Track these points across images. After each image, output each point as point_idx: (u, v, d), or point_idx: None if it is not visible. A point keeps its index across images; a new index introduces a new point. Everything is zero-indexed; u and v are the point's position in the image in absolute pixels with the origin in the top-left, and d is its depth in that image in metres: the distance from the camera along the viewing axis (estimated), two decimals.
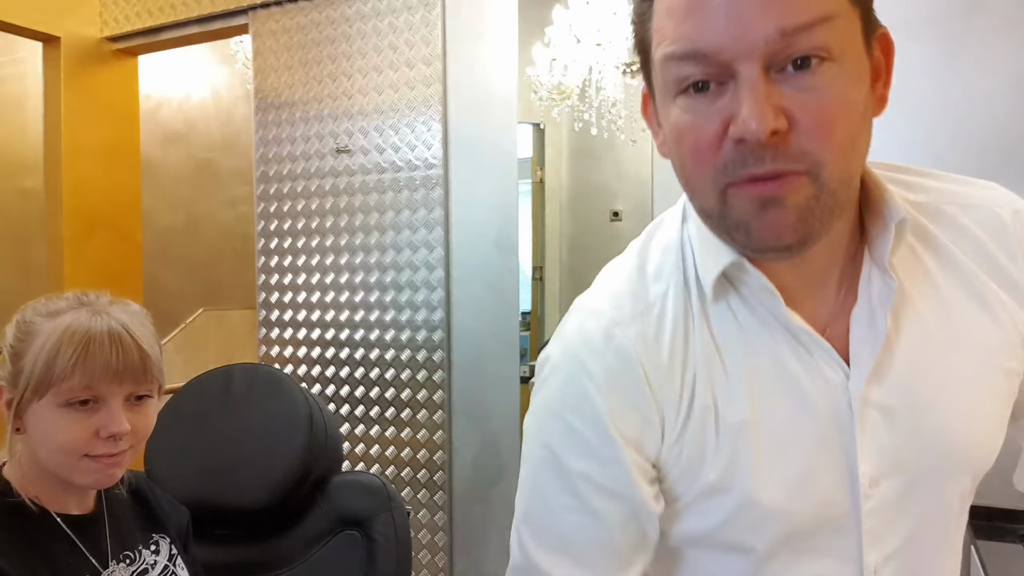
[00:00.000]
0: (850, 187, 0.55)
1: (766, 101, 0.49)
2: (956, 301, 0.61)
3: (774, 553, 0.63)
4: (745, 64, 0.49)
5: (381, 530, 1.24)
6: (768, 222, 0.52)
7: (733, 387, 0.60)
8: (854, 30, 0.52)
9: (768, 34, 0.48)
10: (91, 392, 0.83)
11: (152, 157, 4.44)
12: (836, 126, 0.51)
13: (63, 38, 2.58)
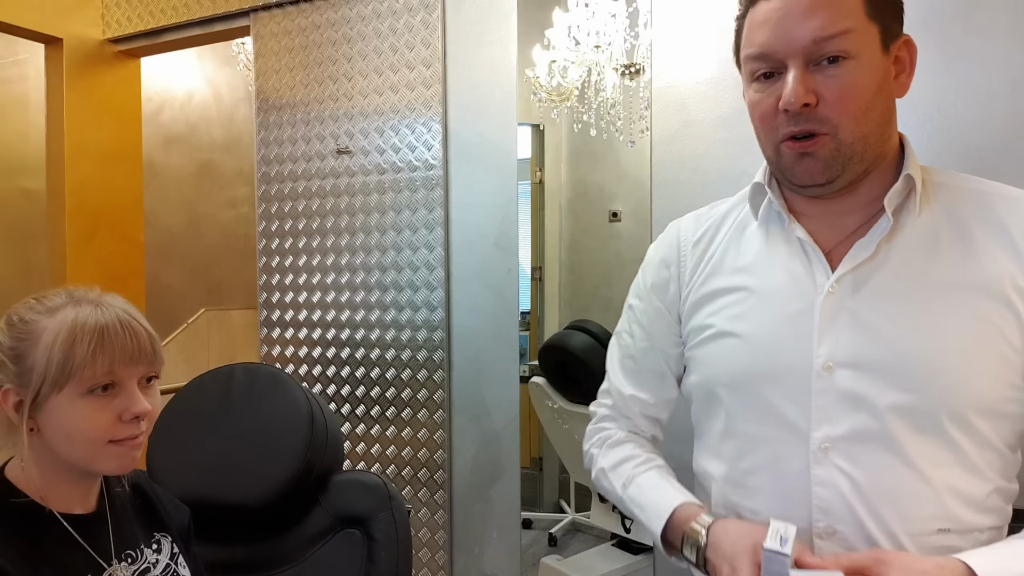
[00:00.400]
0: (866, 144, 0.78)
1: (802, 84, 0.74)
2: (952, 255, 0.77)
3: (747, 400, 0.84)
4: (792, 60, 0.75)
5: (381, 528, 1.25)
6: (804, 168, 0.79)
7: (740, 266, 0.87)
8: (871, 38, 0.76)
9: (806, 42, 0.75)
10: (111, 377, 0.85)
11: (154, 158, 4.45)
12: (850, 101, 0.75)
13: (65, 40, 2.59)
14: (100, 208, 2.72)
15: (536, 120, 3.56)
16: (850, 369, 0.79)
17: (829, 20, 0.74)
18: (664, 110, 1.78)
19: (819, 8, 0.74)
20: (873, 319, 0.79)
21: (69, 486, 0.90)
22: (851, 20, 0.74)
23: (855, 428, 0.79)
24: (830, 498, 0.80)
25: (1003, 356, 0.76)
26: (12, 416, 0.85)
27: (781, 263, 0.85)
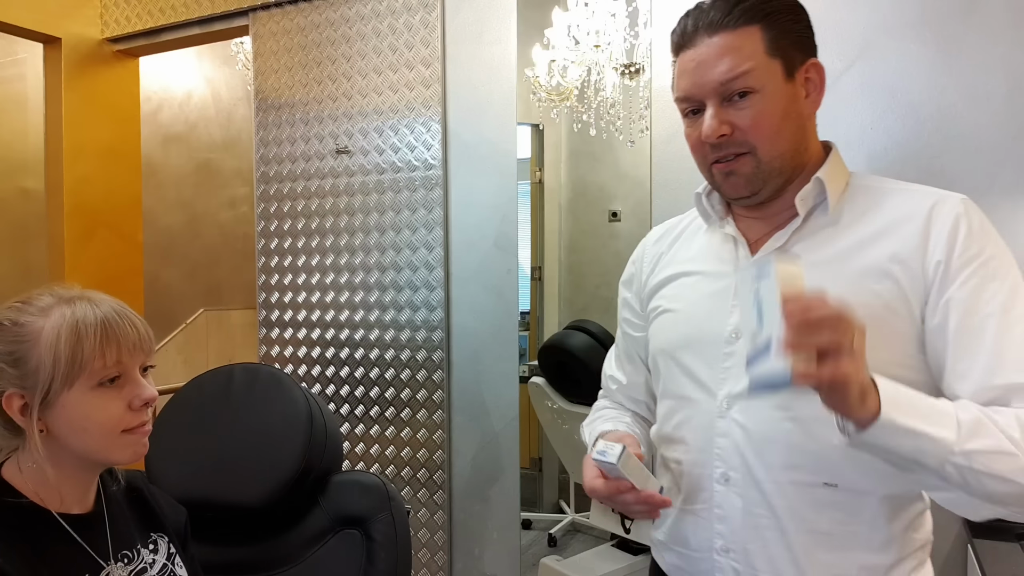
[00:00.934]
0: (783, 160, 0.91)
1: (716, 119, 0.89)
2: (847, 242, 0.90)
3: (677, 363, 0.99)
4: (708, 100, 0.90)
5: (381, 529, 1.25)
6: (730, 184, 0.93)
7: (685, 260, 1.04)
8: (773, 72, 0.88)
9: (715, 84, 0.88)
10: (120, 367, 0.87)
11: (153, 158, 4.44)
12: (761, 128, 0.89)
13: (64, 39, 2.59)
14: (99, 208, 2.72)
15: (536, 120, 3.56)
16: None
17: (733, 64, 0.87)
18: (664, 110, 1.78)
19: (724, 55, 0.88)
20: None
21: (72, 485, 0.90)
22: (752, 61, 0.87)
23: None
24: (727, 447, 0.92)
25: (893, 327, 0.85)
26: (19, 420, 0.85)
27: (715, 253, 1.01)
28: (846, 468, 0.86)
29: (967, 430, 0.75)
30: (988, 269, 0.84)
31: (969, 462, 0.74)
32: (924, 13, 1.56)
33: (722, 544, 0.93)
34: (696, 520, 0.95)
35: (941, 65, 1.55)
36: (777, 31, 0.88)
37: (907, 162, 1.58)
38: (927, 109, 1.56)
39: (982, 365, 0.82)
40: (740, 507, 0.91)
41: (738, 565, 0.91)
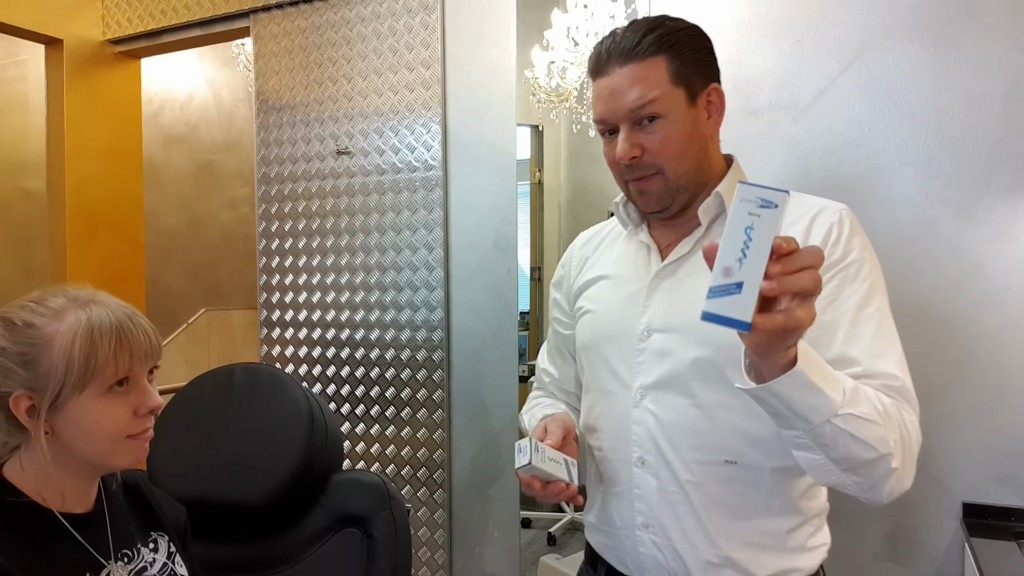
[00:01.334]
0: (688, 178, 1.01)
1: (627, 142, 0.99)
2: None
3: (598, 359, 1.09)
4: (621, 124, 0.99)
5: (381, 528, 1.25)
6: (643, 201, 1.04)
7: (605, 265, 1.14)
8: (678, 99, 0.98)
9: (626, 111, 0.98)
10: (130, 372, 0.88)
11: (154, 159, 4.45)
12: (667, 150, 0.99)
13: (66, 41, 2.60)
14: (100, 208, 2.73)
15: (535, 121, 3.57)
16: (661, 332, 1.02)
17: (641, 92, 0.96)
18: None
19: (633, 84, 0.97)
20: (679, 295, 1.02)
21: (73, 485, 0.91)
22: (658, 89, 0.96)
23: (660, 378, 1.01)
24: (642, 433, 1.02)
25: None
26: (25, 420, 0.85)
27: (631, 259, 1.11)
28: (743, 447, 0.97)
29: (850, 396, 0.80)
30: (849, 272, 0.95)
31: (845, 424, 0.79)
32: (922, 14, 1.57)
33: (642, 520, 1.03)
34: (619, 501, 1.06)
35: (939, 66, 1.56)
36: (680, 61, 0.98)
37: (905, 163, 1.58)
38: (924, 110, 1.57)
39: (834, 356, 0.91)
40: (655, 486, 1.01)
41: (657, 538, 1.02)
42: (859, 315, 0.93)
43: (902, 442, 0.85)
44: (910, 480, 0.88)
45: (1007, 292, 1.51)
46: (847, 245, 0.95)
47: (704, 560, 0.99)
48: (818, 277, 0.68)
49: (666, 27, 0.99)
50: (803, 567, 1.00)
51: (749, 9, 1.71)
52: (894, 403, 0.87)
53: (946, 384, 1.55)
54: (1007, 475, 1.50)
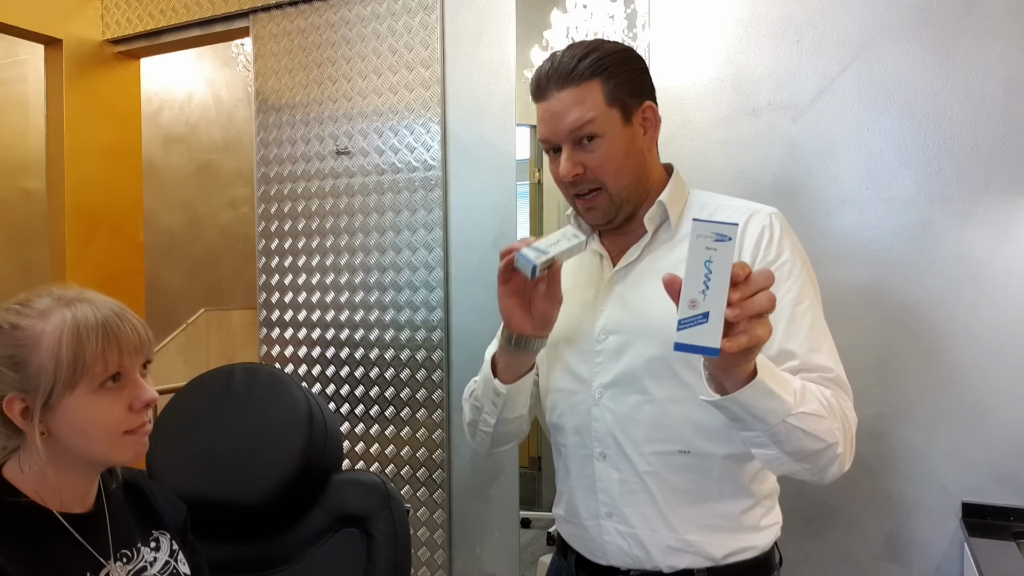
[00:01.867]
0: (630, 192, 1.08)
1: (569, 161, 1.05)
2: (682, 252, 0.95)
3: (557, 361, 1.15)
4: (563, 144, 1.06)
5: (381, 528, 1.26)
6: (590, 216, 1.11)
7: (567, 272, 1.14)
8: (613, 119, 1.04)
9: (565, 132, 1.04)
10: (121, 367, 0.87)
11: (154, 158, 4.45)
12: (606, 168, 1.05)
13: (65, 41, 2.59)
14: (100, 208, 2.72)
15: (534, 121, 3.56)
16: (615, 334, 1.09)
17: (577, 115, 1.03)
18: (662, 111, 1.76)
19: (570, 107, 1.03)
20: (631, 299, 1.09)
21: (72, 485, 0.91)
22: (594, 111, 1.03)
23: (617, 376, 1.07)
24: (601, 429, 1.09)
25: None
26: (20, 423, 0.85)
27: (586, 266, 1.17)
28: (695, 437, 1.04)
29: (800, 396, 0.89)
30: (782, 272, 1.02)
31: (799, 422, 0.88)
32: (921, 15, 1.57)
33: (606, 511, 1.09)
34: (584, 494, 1.12)
35: (938, 66, 1.56)
36: (614, 83, 1.04)
37: (903, 163, 1.58)
38: (923, 110, 1.57)
39: (775, 352, 0.98)
40: (616, 478, 1.08)
41: (620, 527, 1.08)
42: (794, 312, 1.01)
43: (844, 429, 0.94)
44: (850, 461, 0.97)
45: (1006, 292, 1.51)
46: (779, 247, 1.04)
47: (665, 545, 1.06)
48: (772, 296, 0.75)
49: (600, 51, 1.05)
50: (757, 545, 1.08)
51: (748, 9, 1.71)
52: (833, 394, 0.96)
53: (945, 384, 1.55)
54: (1006, 475, 1.51)
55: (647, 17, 1.83)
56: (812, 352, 0.99)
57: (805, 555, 1.66)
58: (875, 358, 1.60)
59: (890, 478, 1.60)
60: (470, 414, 1.24)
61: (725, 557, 1.05)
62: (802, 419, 0.88)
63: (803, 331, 1.00)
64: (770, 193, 1.68)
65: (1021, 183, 1.50)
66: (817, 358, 1.00)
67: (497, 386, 1.12)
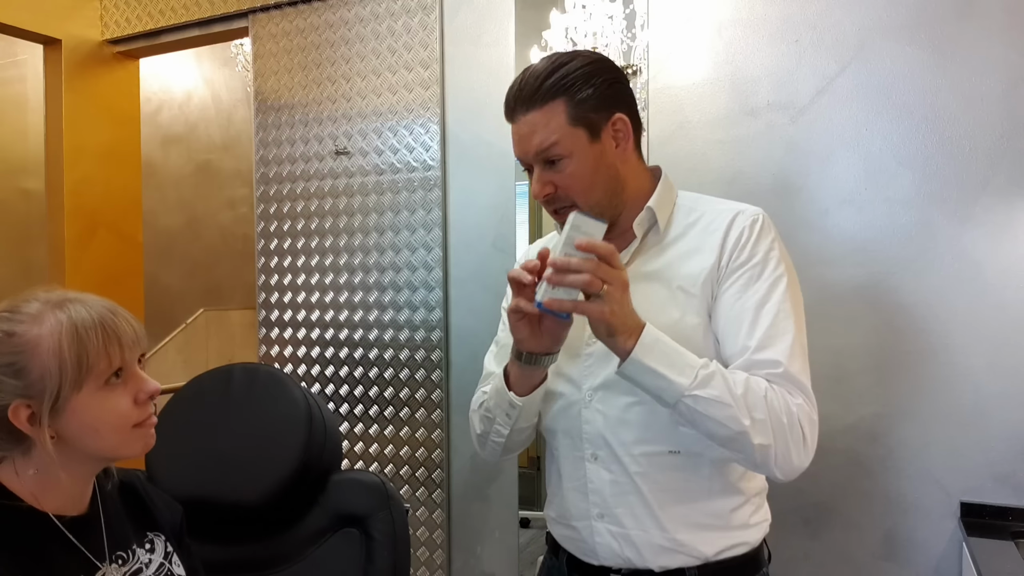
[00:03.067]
0: (600, 207, 1.06)
1: (539, 182, 1.07)
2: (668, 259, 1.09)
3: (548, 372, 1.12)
4: (533, 164, 1.08)
5: (380, 528, 1.26)
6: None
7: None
8: (578, 138, 1.04)
9: (533, 154, 1.06)
10: (123, 362, 0.88)
11: (153, 159, 4.45)
12: (575, 186, 1.06)
13: (64, 41, 2.59)
14: (99, 208, 2.72)
15: None
16: None
17: (541, 138, 1.04)
18: (660, 111, 1.79)
19: (534, 132, 1.05)
20: None
21: (72, 486, 0.91)
22: (557, 133, 1.04)
23: (606, 379, 1.08)
24: (592, 431, 1.10)
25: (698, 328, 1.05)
26: (27, 429, 0.84)
27: None
28: (684, 437, 1.04)
29: (701, 380, 0.95)
30: (754, 272, 1.04)
31: (695, 404, 0.95)
32: (919, 15, 1.57)
33: (598, 512, 1.10)
34: (576, 495, 1.13)
35: (936, 67, 1.56)
36: (576, 102, 1.04)
37: (902, 163, 1.59)
38: (922, 110, 1.57)
39: (739, 347, 1.02)
40: (607, 479, 1.09)
41: (612, 527, 1.09)
42: (759, 312, 1.03)
43: (771, 421, 0.96)
44: (802, 457, 0.99)
45: (1004, 292, 1.51)
46: (753, 248, 1.06)
47: (656, 544, 1.07)
48: (590, 280, 0.90)
49: (565, 68, 1.04)
50: (747, 541, 1.09)
51: (747, 9, 1.71)
52: (773, 387, 0.98)
53: (944, 384, 1.55)
54: (1004, 475, 1.51)
55: (646, 17, 1.83)
56: (762, 349, 1.01)
57: (804, 555, 1.66)
58: (873, 358, 1.60)
59: (888, 478, 1.60)
60: (481, 426, 1.21)
61: (716, 555, 1.07)
62: (699, 401, 0.94)
63: (762, 329, 1.02)
64: (769, 193, 1.68)
65: (1019, 183, 1.50)
66: (765, 354, 1.01)
67: (512, 399, 1.11)
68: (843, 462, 1.62)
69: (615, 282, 0.92)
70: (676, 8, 1.78)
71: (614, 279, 0.92)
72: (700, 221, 1.11)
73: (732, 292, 1.05)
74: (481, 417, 1.21)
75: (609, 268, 0.92)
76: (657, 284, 1.08)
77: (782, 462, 0.98)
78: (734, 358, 1.02)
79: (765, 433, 0.96)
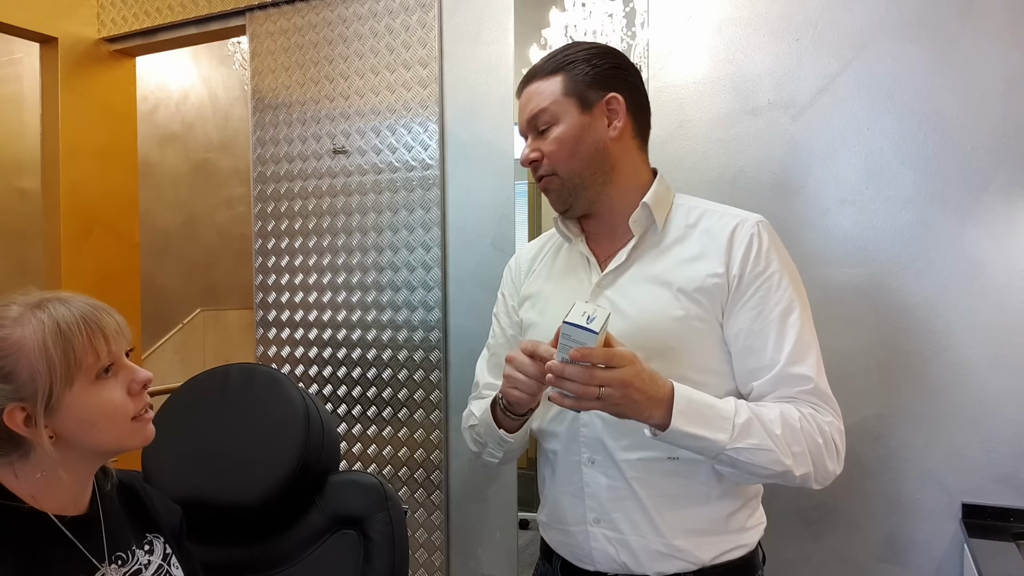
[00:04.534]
0: (582, 178, 1.11)
1: (529, 148, 1.12)
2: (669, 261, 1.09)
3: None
4: (528, 133, 1.13)
5: (378, 529, 1.25)
6: (549, 200, 1.16)
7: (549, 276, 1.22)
8: (569, 107, 1.09)
9: (524, 121, 1.12)
10: (111, 356, 0.89)
11: (150, 158, 4.44)
12: (558, 152, 1.10)
13: (60, 39, 2.58)
14: (95, 207, 2.71)
15: None
16: None
17: (533, 105, 1.11)
18: (661, 110, 1.78)
19: (532, 97, 1.11)
20: (620, 304, 1.10)
21: (72, 486, 0.90)
22: (548, 100, 1.09)
23: None
24: (590, 435, 1.10)
25: (701, 331, 1.06)
26: (23, 432, 0.84)
27: (573, 270, 1.19)
28: None
29: (739, 432, 0.96)
30: (772, 282, 1.05)
31: (737, 455, 0.96)
32: (921, 14, 1.57)
33: (594, 516, 1.10)
34: (571, 499, 1.13)
35: (937, 66, 1.55)
36: (572, 76, 1.09)
37: (903, 163, 1.58)
38: (923, 110, 1.57)
39: (766, 361, 1.04)
40: (605, 484, 1.09)
41: (608, 532, 1.09)
42: (783, 324, 1.05)
43: (809, 453, 0.99)
44: (836, 467, 1.03)
45: (1006, 292, 1.50)
46: (767, 258, 1.07)
47: (653, 550, 1.07)
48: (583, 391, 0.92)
49: (572, 49, 1.11)
50: (744, 544, 1.10)
51: (748, 8, 1.70)
52: (803, 417, 1.00)
53: (945, 384, 1.55)
54: (1006, 476, 1.50)
55: (646, 15, 1.82)
56: (793, 364, 1.03)
57: (805, 556, 1.66)
58: (874, 358, 1.60)
59: (890, 479, 1.59)
60: (474, 446, 1.23)
61: (713, 559, 1.07)
62: (740, 452, 0.96)
63: (789, 343, 1.04)
64: (770, 192, 1.67)
65: (1021, 183, 1.50)
66: (797, 369, 1.03)
67: (503, 436, 1.14)
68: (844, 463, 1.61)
69: (613, 384, 0.92)
70: (676, 6, 1.77)
71: (611, 382, 0.92)
72: (700, 224, 1.11)
73: (751, 305, 1.05)
74: (473, 439, 1.23)
75: (605, 373, 0.92)
76: (658, 287, 1.08)
77: (820, 478, 1.02)
78: (762, 372, 1.04)
79: (805, 463, 0.99)
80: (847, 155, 1.62)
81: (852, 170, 1.61)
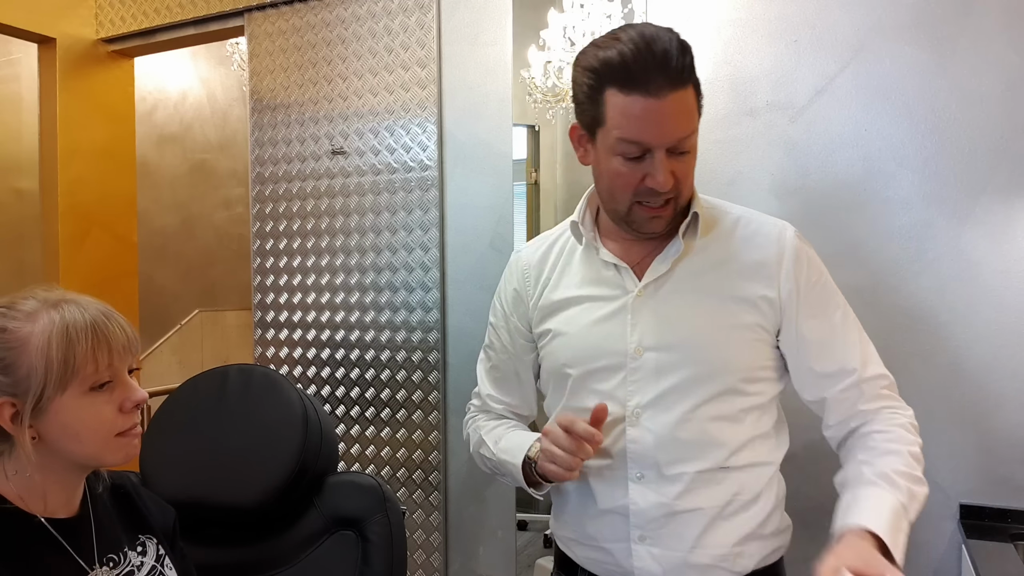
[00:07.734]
0: (686, 202, 1.06)
1: (668, 171, 0.97)
2: (720, 273, 1.05)
3: (581, 381, 1.09)
4: (659, 151, 0.96)
5: (376, 530, 1.25)
6: (654, 225, 1.04)
7: (570, 283, 1.13)
8: (697, 127, 1.00)
9: (673, 140, 0.96)
10: (111, 371, 0.87)
11: (148, 158, 4.43)
12: (688, 180, 1.02)
13: (59, 39, 2.58)
14: (93, 208, 2.71)
15: (531, 121, 3.56)
16: (654, 351, 1.05)
17: (687, 124, 0.97)
18: None
19: (682, 114, 0.96)
20: (668, 313, 1.05)
21: (58, 489, 0.89)
22: (695, 123, 0.99)
23: (659, 395, 1.04)
24: (639, 451, 1.05)
25: (753, 341, 1.05)
26: (9, 427, 0.84)
27: (598, 279, 1.11)
28: (734, 453, 1.04)
29: (912, 510, 0.95)
30: (827, 289, 1.07)
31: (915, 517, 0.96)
32: (919, 15, 1.57)
33: (639, 534, 1.05)
34: (613, 517, 1.07)
35: (936, 67, 1.56)
36: (697, 90, 1.00)
37: (902, 164, 1.58)
38: (921, 111, 1.57)
39: (840, 366, 1.04)
40: (654, 501, 1.04)
41: (655, 550, 1.05)
42: (845, 328, 1.06)
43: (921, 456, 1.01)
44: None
45: (1004, 293, 1.51)
46: (817, 267, 1.08)
47: (700, 564, 1.03)
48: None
49: (690, 52, 0.96)
50: (781, 546, 1.11)
51: (746, 9, 1.71)
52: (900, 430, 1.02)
53: (943, 385, 1.55)
54: (1004, 477, 1.50)
55: (644, 17, 1.82)
56: (867, 366, 1.05)
57: (804, 557, 1.65)
58: None
59: None
60: (487, 470, 1.21)
61: (756, 565, 1.07)
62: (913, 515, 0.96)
63: (856, 345, 1.06)
64: (768, 194, 1.67)
65: (1019, 183, 1.50)
66: (871, 370, 1.06)
67: (532, 492, 1.11)
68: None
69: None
70: (674, 7, 1.78)
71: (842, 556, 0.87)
72: (738, 231, 1.08)
73: (811, 313, 1.05)
74: (483, 465, 1.21)
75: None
76: (708, 297, 1.05)
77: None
78: (839, 377, 1.05)
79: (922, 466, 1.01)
80: (845, 156, 1.62)
81: (850, 171, 1.61)
